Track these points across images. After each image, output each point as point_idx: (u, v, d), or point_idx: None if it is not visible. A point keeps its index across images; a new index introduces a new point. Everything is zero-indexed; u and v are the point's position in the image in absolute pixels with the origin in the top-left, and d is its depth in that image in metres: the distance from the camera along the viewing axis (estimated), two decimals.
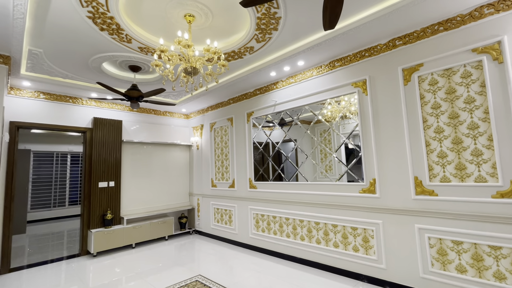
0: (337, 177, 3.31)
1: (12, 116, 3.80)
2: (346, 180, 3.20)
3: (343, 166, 3.27)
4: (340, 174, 3.27)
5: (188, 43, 2.20)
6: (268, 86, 4.10)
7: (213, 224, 5.01)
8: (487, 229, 2.15)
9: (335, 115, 3.35)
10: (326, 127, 3.47)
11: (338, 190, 3.17)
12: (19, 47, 2.67)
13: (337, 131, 3.31)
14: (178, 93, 4.70)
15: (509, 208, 2.07)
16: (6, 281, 3.34)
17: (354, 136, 3.15)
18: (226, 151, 4.89)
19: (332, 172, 3.41)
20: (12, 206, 3.72)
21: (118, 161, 4.68)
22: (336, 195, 3.18)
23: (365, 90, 2.98)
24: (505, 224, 2.07)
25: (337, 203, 3.15)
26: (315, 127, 3.58)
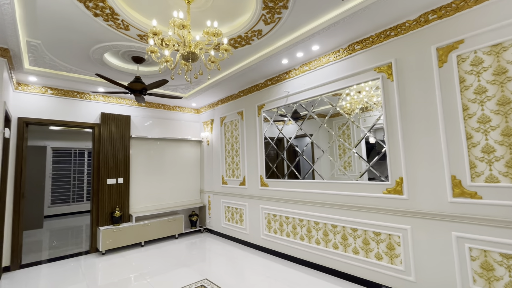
0: (357, 175, 2.95)
1: (21, 112, 3.76)
2: (367, 179, 2.83)
3: (363, 163, 2.90)
4: (361, 172, 2.90)
5: (183, 23, 1.94)
6: (280, 75, 3.77)
7: (224, 223, 4.80)
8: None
9: (355, 107, 2.97)
10: (345, 120, 3.10)
11: (358, 190, 2.81)
12: (14, 38, 2.55)
13: (357, 124, 2.93)
14: (186, 87, 4.49)
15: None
16: (14, 277, 3.32)
17: (376, 130, 2.77)
18: (236, 146, 4.63)
19: (351, 169, 3.05)
20: (21, 202, 3.70)
21: (127, 157, 4.58)
22: (356, 196, 2.82)
23: (390, 75, 2.58)
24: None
25: (357, 204, 2.79)
26: (332, 120, 3.22)
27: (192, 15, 2.54)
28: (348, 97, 3.02)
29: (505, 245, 1.89)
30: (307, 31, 2.71)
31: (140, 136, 4.76)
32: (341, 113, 3.09)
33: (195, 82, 4.28)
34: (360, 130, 2.94)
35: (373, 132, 2.80)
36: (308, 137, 3.49)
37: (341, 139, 3.12)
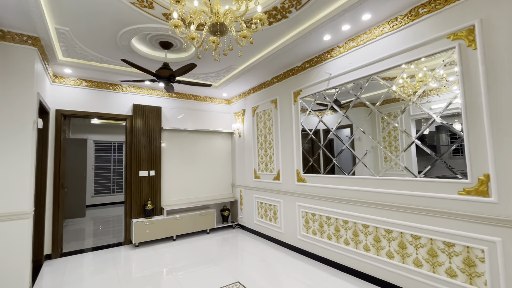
0: (414, 171, 2.40)
1: (58, 105, 3.82)
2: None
3: (414, 158, 2.34)
4: (413, 167, 2.35)
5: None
6: (320, 56, 3.30)
7: (257, 219, 4.51)
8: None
9: (417, 88, 2.40)
10: (398, 107, 2.55)
11: (422, 189, 2.28)
12: (42, 24, 2.45)
13: (420, 107, 2.37)
14: (216, 75, 4.23)
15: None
16: (54, 265, 3.40)
17: (446, 116, 2.19)
18: (270, 138, 4.27)
19: (406, 164, 2.51)
20: (61, 192, 3.78)
21: (158, 150, 4.49)
22: (419, 196, 2.29)
23: (472, 42, 1.98)
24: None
25: (420, 206, 2.27)
26: (381, 108, 2.68)
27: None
28: (403, 76, 2.47)
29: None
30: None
31: (171, 127, 4.64)
32: (396, 98, 2.55)
33: (226, 70, 3.99)
34: (411, 120, 2.37)
35: (441, 118, 2.22)
36: (350, 128, 3.00)
37: (395, 129, 2.58)
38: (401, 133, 2.52)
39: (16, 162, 2.53)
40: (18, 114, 2.56)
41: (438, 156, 2.24)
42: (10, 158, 2.50)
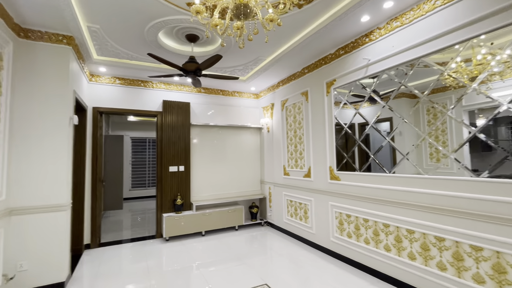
0: (466, 170, 2.00)
1: (95, 102, 4.00)
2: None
3: (480, 153, 1.94)
4: (477, 165, 1.95)
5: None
6: (357, 40, 2.97)
7: (286, 217, 4.32)
8: None
9: (473, 73, 2.00)
10: (446, 97, 2.17)
11: (485, 191, 1.90)
12: (74, 22, 2.51)
13: (486, 94, 1.96)
14: (244, 68, 4.09)
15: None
16: (93, 254, 3.58)
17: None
18: (300, 133, 4.03)
19: (449, 162, 2.11)
20: (98, 186, 3.98)
21: (187, 145, 4.51)
22: (480, 200, 1.92)
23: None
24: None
25: (482, 212, 1.89)
26: (428, 99, 2.30)
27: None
28: (458, 58, 2.08)
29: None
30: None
31: (200, 123, 4.63)
32: (446, 86, 2.16)
33: (253, 62, 3.82)
34: (464, 112, 1.97)
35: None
36: (388, 122, 2.65)
37: (440, 123, 2.19)
38: (457, 124, 2.13)
39: (54, 157, 2.65)
40: (56, 111, 2.68)
41: (505, 152, 1.84)
42: (49, 153, 2.63)
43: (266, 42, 1.93)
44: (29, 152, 2.56)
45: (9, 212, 2.42)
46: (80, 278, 2.90)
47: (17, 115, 2.52)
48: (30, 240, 2.52)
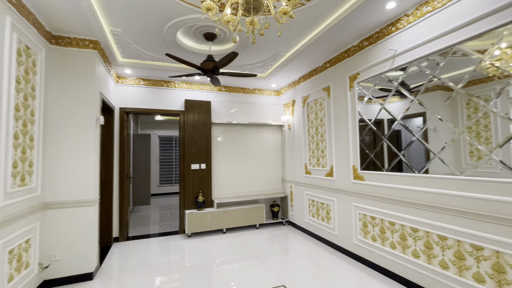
0: (509, 170, 1.75)
1: (121, 103, 4.20)
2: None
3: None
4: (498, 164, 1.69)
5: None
6: (382, 30, 2.75)
7: (308, 217, 4.20)
8: None
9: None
10: (489, 88, 1.90)
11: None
12: (98, 27, 2.63)
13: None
14: (263, 64, 4.02)
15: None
16: (121, 247, 3.78)
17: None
18: (321, 130, 3.88)
19: (486, 162, 1.85)
20: (126, 182, 4.18)
21: (209, 143, 4.57)
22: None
23: None
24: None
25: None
26: (469, 90, 2.04)
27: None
28: (503, 43, 1.81)
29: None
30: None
31: (221, 121, 4.66)
32: (489, 76, 1.90)
33: (272, 58, 3.74)
34: (511, 104, 1.70)
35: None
36: (421, 117, 2.41)
37: (482, 117, 1.93)
38: (502, 120, 1.87)
39: (82, 156, 2.82)
40: (83, 112, 2.84)
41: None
42: (77, 152, 2.80)
43: (279, 36, 1.84)
44: (59, 152, 2.75)
45: (44, 206, 2.62)
46: (108, 269, 3.07)
47: (49, 117, 2.72)
48: (62, 233, 2.71)
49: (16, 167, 2.14)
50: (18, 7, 2.12)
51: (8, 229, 2.03)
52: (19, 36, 2.16)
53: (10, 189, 2.05)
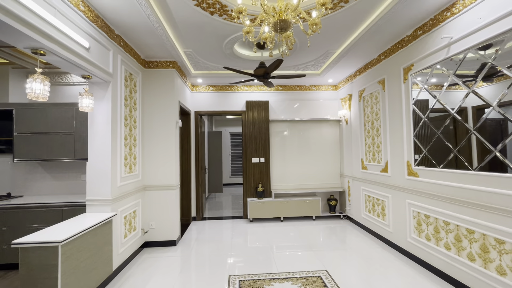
0: None
1: (196, 107, 5.08)
2: None
3: None
4: None
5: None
6: (437, 16, 2.57)
7: (364, 213, 4.17)
8: None
9: None
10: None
11: None
12: (175, 51, 3.39)
13: None
14: (315, 63, 4.17)
15: None
16: (197, 224, 4.67)
17: None
18: (377, 124, 3.78)
19: None
20: (201, 173, 5.07)
21: (267, 139, 5.02)
22: None
23: None
24: None
25: None
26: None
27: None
28: None
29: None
30: None
31: (278, 119, 5.04)
32: None
33: (323, 56, 3.85)
34: None
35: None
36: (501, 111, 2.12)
37: None
38: None
39: (166, 151, 3.68)
40: (166, 117, 3.69)
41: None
42: (162, 148, 3.68)
43: (308, 46, 2.08)
44: (151, 148, 3.67)
45: (143, 188, 3.59)
46: (187, 239, 3.92)
47: (145, 122, 3.66)
48: (155, 208, 3.65)
49: (126, 159, 3.07)
50: (124, 47, 3.00)
51: (123, 202, 2.97)
52: (126, 67, 3.06)
53: (123, 174, 2.98)
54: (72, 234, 2.00)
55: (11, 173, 3.48)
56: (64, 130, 3.29)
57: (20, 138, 3.22)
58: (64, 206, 3.03)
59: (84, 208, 2.97)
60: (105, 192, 2.68)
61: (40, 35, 1.78)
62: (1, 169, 3.47)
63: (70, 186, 3.56)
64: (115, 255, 2.77)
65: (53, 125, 3.27)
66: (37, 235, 1.96)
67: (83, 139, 3.29)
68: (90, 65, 2.36)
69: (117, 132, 2.84)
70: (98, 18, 2.47)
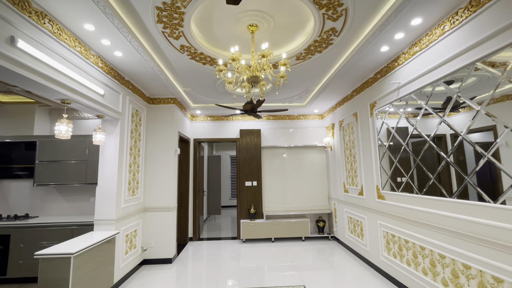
0: None
1: (195, 135, 5.62)
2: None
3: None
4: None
5: (234, 56, 2.27)
6: (388, 65, 3.10)
7: (348, 234, 4.47)
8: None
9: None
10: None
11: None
12: (175, 90, 3.98)
13: None
14: (299, 96, 4.72)
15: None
16: (194, 245, 4.99)
17: None
18: (354, 152, 4.22)
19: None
20: (198, 196, 5.49)
21: (259, 164, 5.46)
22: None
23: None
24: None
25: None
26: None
27: (264, 39, 2.80)
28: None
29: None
30: (393, 4, 2.13)
31: (270, 145, 5.52)
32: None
33: (304, 91, 4.41)
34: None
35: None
36: (491, 131, 2.41)
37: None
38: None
39: (165, 176, 4.15)
40: (166, 146, 4.21)
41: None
42: (162, 174, 4.15)
43: (277, 93, 2.60)
44: (152, 174, 4.15)
45: (144, 209, 4.02)
46: (183, 258, 4.25)
47: (147, 151, 4.18)
48: (154, 228, 4.04)
49: (130, 184, 3.54)
50: (132, 88, 3.60)
51: (125, 222, 3.39)
52: (133, 105, 3.64)
53: (127, 197, 3.43)
54: (82, 248, 2.42)
55: (30, 196, 3.97)
56: (77, 158, 3.81)
57: (41, 165, 3.75)
58: (74, 225, 3.46)
59: (91, 227, 3.40)
60: (110, 212, 3.12)
61: (68, 91, 2.34)
62: (22, 192, 3.96)
63: (80, 207, 4.01)
64: (117, 269, 3.14)
65: (69, 154, 3.80)
66: (53, 248, 2.39)
67: (94, 165, 3.79)
68: (104, 108, 2.92)
69: (123, 161, 3.34)
70: (112, 70, 3.08)
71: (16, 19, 1.81)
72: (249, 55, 3.18)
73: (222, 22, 2.54)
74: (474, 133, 2.07)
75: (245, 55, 3.17)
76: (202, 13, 2.41)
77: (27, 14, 1.89)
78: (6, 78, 1.94)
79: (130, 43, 2.56)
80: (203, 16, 2.45)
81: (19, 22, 1.83)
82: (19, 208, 3.93)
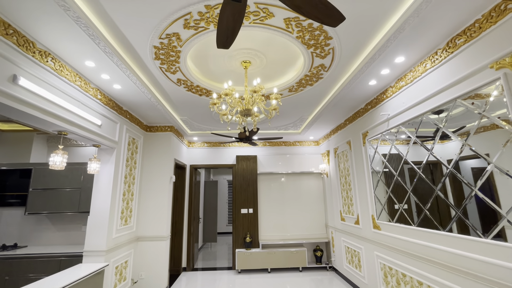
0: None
1: (191, 161, 5.65)
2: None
3: None
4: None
5: (227, 91, 2.38)
6: (378, 97, 3.22)
7: (345, 264, 4.33)
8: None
9: None
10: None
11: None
12: (172, 119, 4.07)
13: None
14: (294, 124, 4.82)
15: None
16: (187, 275, 4.80)
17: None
18: (349, 179, 4.22)
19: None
20: (193, 223, 5.38)
21: (255, 191, 5.43)
22: None
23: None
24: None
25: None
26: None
27: (257, 74, 2.94)
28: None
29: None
30: (377, 45, 2.27)
31: (266, 172, 5.52)
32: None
33: (299, 120, 4.51)
34: None
35: None
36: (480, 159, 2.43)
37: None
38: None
39: (159, 205, 4.11)
40: (162, 174, 4.21)
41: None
42: (156, 202, 4.11)
43: (269, 125, 2.67)
44: (146, 202, 4.11)
45: (136, 239, 3.93)
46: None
47: (143, 179, 4.18)
48: (146, 258, 3.92)
49: (123, 213, 3.50)
50: (130, 118, 3.69)
51: (116, 252, 3.30)
52: (130, 134, 3.71)
53: (119, 227, 3.37)
54: (66, 284, 2.34)
55: (21, 224, 3.90)
56: (72, 186, 3.80)
57: (34, 193, 3.72)
58: (63, 256, 3.36)
59: (80, 258, 3.30)
60: (100, 244, 3.05)
61: (65, 123, 2.41)
62: (13, 221, 3.90)
63: (71, 236, 3.92)
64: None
65: (64, 181, 3.80)
66: (37, 284, 2.31)
67: (88, 193, 3.77)
68: (100, 138, 2.98)
69: (117, 190, 3.34)
70: (111, 101, 3.18)
71: (19, 58, 1.92)
72: (243, 88, 3.31)
73: (217, 58, 2.68)
74: (471, 159, 2.06)
75: (239, 87, 3.30)
76: (198, 51, 2.55)
77: (31, 54, 2.01)
78: (7, 114, 2.00)
79: (128, 77, 2.68)
80: (198, 53, 2.60)
81: (22, 61, 1.94)
82: (8, 237, 3.84)
